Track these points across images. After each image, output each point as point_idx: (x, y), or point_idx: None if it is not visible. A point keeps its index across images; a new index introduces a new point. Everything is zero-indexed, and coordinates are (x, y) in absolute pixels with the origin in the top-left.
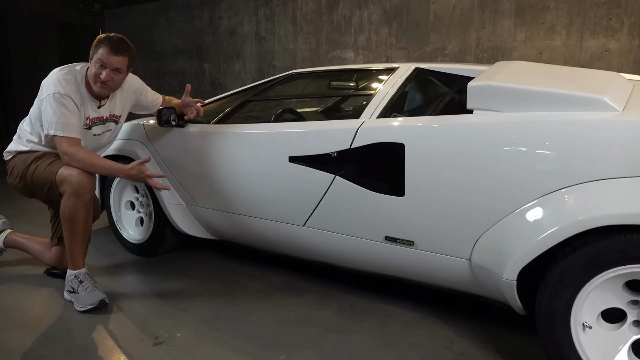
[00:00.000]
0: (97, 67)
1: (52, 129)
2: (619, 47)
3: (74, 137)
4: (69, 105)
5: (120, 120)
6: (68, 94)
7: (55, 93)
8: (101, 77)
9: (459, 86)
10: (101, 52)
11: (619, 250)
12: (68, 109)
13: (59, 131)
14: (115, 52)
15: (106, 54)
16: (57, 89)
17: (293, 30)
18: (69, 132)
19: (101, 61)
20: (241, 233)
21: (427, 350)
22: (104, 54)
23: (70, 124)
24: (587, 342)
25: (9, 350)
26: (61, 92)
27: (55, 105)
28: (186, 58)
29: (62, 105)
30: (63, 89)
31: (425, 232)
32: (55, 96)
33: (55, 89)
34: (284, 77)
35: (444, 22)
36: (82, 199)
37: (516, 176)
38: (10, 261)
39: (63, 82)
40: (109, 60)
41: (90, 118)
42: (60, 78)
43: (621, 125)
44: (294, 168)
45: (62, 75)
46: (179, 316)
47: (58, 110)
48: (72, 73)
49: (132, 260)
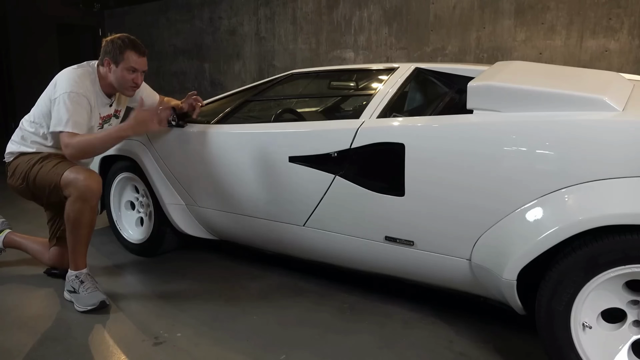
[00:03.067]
0: (129, 73)
1: (62, 125)
2: (619, 47)
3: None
4: (83, 104)
5: (120, 115)
6: (85, 93)
7: (72, 92)
8: (136, 81)
9: (459, 86)
10: (131, 58)
11: (619, 250)
12: (82, 107)
13: (69, 127)
14: (143, 55)
15: (136, 58)
16: (74, 87)
17: (293, 30)
18: (78, 129)
19: (133, 67)
20: (241, 233)
21: (427, 350)
22: (135, 58)
23: (81, 122)
24: (587, 342)
25: (9, 350)
26: (78, 92)
27: (70, 103)
28: (186, 58)
29: (77, 103)
30: (80, 88)
31: (425, 232)
32: (70, 95)
33: (72, 88)
34: (284, 77)
35: (444, 22)
36: (89, 203)
37: (516, 176)
38: (10, 261)
39: (79, 81)
40: (140, 64)
41: (102, 116)
42: (75, 77)
43: (621, 125)
44: (294, 168)
45: (77, 74)
46: (179, 316)
47: (72, 108)
48: (87, 72)
49: (132, 260)
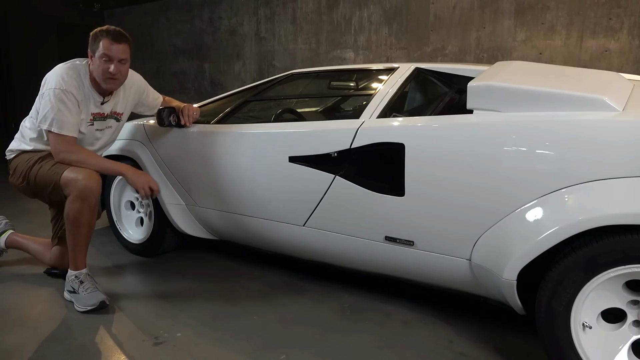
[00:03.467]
0: (103, 62)
1: (47, 123)
2: (619, 47)
3: (69, 136)
4: (68, 102)
5: (122, 118)
6: (69, 89)
7: (57, 88)
8: (110, 70)
9: (459, 86)
10: (103, 45)
11: (619, 250)
12: (67, 106)
13: (54, 127)
14: (117, 41)
15: (109, 44)
16: (59, 84)
17: (293, 30)
18: (65, 130)
19: (105, 55)
20: (241, 233)
21: (427, 350)
22: (107, 44)
23: (66, 121)
24: (587, 342)
25: (9, 350)
26: (62, 88)
27: (55, 100)
28: (186, 58)
29: (61, 101)
30: (65, 84)
31: (425, 232)
32: (55, 91)
33: (57, 84)
34: (284, 77)
35: (444, 22)
36: (88, 203)
37: (516, 176)
38: (10, 261)
39: (66, 77)
40: (113, 51)
41: (93, 114)
42: (63, 73)
43: (621, 125)
44: (294, 168)
45: (65, 70)
46: (179, 316)
47: (56, 106)
48: (76, 68)
49: (132, 260)
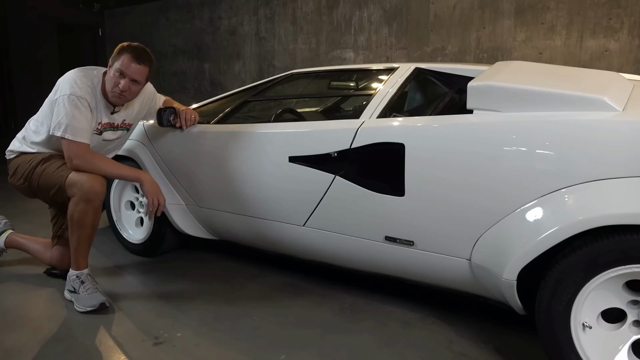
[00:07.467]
0: (117, 75)
1: (60, 130)
2: (619, 47)
3: (83, 142)
4: (83, 108)
5: (131, 129)
6: (84, 96)
7: (71, 95)
8: (119, 86)
9: (459, 86)
10: (123, 60)
11: (619, 250)
12: (81, 112)
13: (68, 134)
14: (137, 61)
15: (128, 62)
16: (74, 90)
17: (293, 30)
18: (79, 136)
19: (121, 70)
20: (241, 233)
21: (427, 350)
22: (126, 61)
23: (80, 128)
24: (587, 342)
25: (9, 350)
26: (77, 94)
27: (69, 106)
28: (186, 58)
29: (75, 107)
30: (80, 90)
31: (425, 232)
32: (70, 97)
33: (72, 90)
34: (284, 77)
35: (444, 22)
36: (92, 204)
37: (516, 176)
38: (10, 261)
39: (80, 83)
40: (130, 69)
41: (102, 123)
42: (77, 79)
43: (621, 125)
44: (294, 168)
45: (79, 77)
46: (179, 316)
47: (70, 112)
48: (90, 76)
49: (132, 260)
